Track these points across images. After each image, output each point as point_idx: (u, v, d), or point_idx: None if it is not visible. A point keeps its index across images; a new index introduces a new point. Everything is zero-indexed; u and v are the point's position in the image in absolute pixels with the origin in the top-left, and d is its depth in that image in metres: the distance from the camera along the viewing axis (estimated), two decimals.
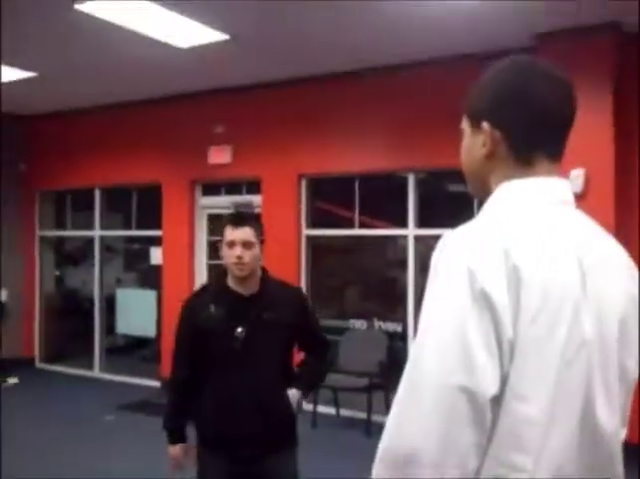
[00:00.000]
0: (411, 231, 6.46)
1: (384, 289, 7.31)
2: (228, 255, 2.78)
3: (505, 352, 1.04)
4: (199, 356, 2.83)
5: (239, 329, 2.73)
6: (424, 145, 6.14)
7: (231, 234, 2.79)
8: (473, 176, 1.30)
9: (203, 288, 3.06)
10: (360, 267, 7.66)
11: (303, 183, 7.03)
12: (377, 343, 6.42)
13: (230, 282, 2.85)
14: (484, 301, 1.03)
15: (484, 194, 1.24)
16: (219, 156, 7.40)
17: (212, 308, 2.79)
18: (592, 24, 5.10)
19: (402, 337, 6.58)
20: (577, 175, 5.10)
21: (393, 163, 6.45)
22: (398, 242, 6.88)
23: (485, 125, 1.22)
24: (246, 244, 2.76)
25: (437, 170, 6.22)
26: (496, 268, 1.05)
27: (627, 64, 5.26)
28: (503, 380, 1.04)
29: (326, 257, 7.49)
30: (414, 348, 1.09)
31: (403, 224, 6.52)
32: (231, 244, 2.78)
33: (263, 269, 2.93)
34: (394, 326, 6.70)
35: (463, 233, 1.13)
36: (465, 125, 1.30)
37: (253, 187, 7.35)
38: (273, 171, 7.05)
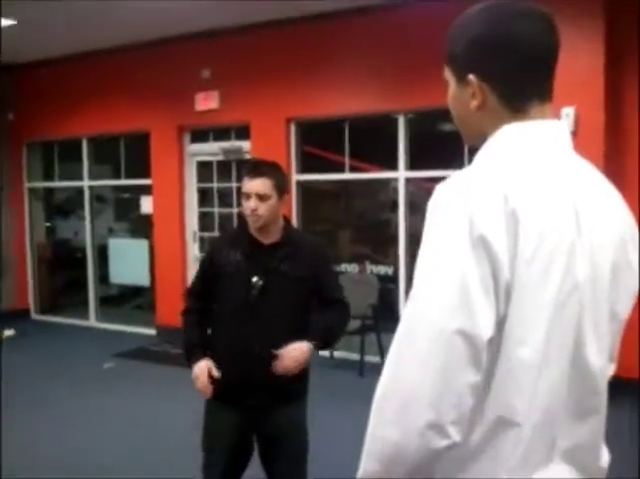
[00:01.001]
0: (402, 173, 6.43)
1: (375, 233, 7.34)
2: (245, 207, 2.78)
3: (502, 295, 1.05)
4: (214, 299, 2.85)
5: (255, 278, 2.71)
6: (413, 85, 6.07)
7: (247, 185, 2.77)
8: (465, 126, 1.28)
9: (228, 233, 3.06)
10: (351, 211, 7.68)
11: (292, 127, 6.96)
12: (369, 287, 6.47)
13: (252, 230, 2.83)
14: (483, 246, 1.04)
15: (480, 141, 1.23)
16: (207, 102, 7.30)
17: (232, 254, 2.80)
18: None
19: (393, 280, 6.64)
20: (567, 113, 5.09)
21: (382, 104, 6.38)
22: (389, 185, 6.87)
23: (472, 78, 1.20)
24: (261, 197, 2.74)
25: (427, 110, 6.15)
26: (495, 213, 1.05)
27: (618, 4, 5.17)
28: (500, 323, 1.06)
29: (317, 202, 7.48)
30: (412, 292, 1.10)
31: (393, 166, 6.49)
32: (247, 196, 2.76)
33: (286, 219, 2.91)
34: (385, 269, 6.76)
35: (460, 178, 1.13)
36: (448, 75, 1.27)
37: (242, 132, 7.28)
38: (262, 115, 6.97)
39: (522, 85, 1.19)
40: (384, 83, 6.31)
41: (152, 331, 8.02)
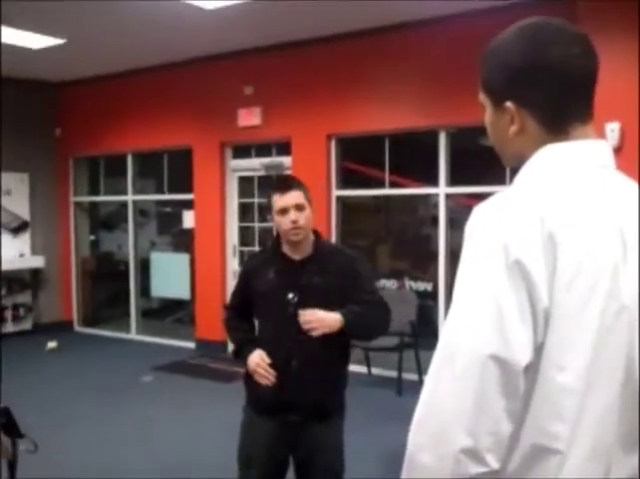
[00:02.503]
0: (442, 189, 6.39)
1: (415, 248, 7.30)
2: (282, 222, 2.74)
3: (540, 321, 1.03)
4: (252, 317, 2.92)
5: (291, 295, 2.71)
6: (454, 100, 6.02)
7: (282, 199, 2.74)
8: (504, 150, 1.25)
9: (261, 252, 3.10)
10: (391, 226, 7.65)
11: (332, 143, 6.99)
12: (407, 303, 6.42)
13: (284, 248, 2.83)
14: (519, 271, 1.02)
15: (519, 163, 1.20)
16: (249, 117, 7.38)
17: (266, 273, 2.81)
18: None
19: (432, 296, 6.58)
20: (612, 129, 4.99)
21: (423, 120, 6.35)
22: (429, 200, 6.83)
23: (510, 105, 1.17)
24: (299, 207, 2.74)
25: (468, 125, 6.10)
26: (532, 237, 1.04)
27: None
28: (538, 349, 1.04)
29: (356, 217, 7.48)
30: (448, 317, 1.09)
31: (434, 181, 6.45)
32: (284, 211, 2.73)
33: (315, 232, 2.90)
34: (424, 286, 6.70)
35: (497, 200, 1.11)
36: (484, 100, 1.25)
37: (283, 148, 7.33)
38: (302, 131, 7.01)
39: (562, 109, 1.16)
40: (424, 98, 6.29)
41: (191, 345, 8.08)
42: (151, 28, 6.41)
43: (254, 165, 7.62)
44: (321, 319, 2.65)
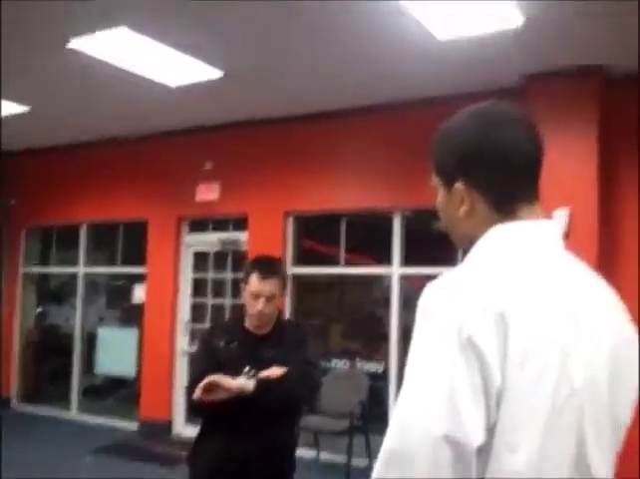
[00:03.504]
0: (395, 269, 6.41)
1: (367, 329, 7.21)
2: (251, 305, 2.79)
3: (493, 401, 1.01)
4: None
5: (247, 369, 2.70)
6: (410, 184, 6.14)
7: (258, 285, 2.77)
8: (455, 231, 1.28)
9: (223, 323, 3.09)
10: (344, 306, 7.58)
11: (290, 220, 7.01)
12: (358, 384, 6.29)
13: (247, 322, 2.88)
14: (472, 350, 1.00)
15: (470, 244, 1.21)
16: (207, 193, 7.39)
17: (226, 344, 2.83)
18: (578, 67, 5.16)
19: (384, 378, 6.46)
20: (562, 214, 5.10)
21: (379, 201, 6.45)
22: (382, 280, 6.82)
23: (460, 186, 1.21)
24: (270, 298, 2.78)
25: (422, 208, 6.20)
26: (484, 316, 1.02)
27: (612, 106, 5.32)
28: (491, 429, 1.01)
29: (310, 295, 7.41)
30: (400, 395, 1.06)
31: (388, 261, 6.47)
32: (256, 296, 2.77)
33: (279, 310, 2.97)
34: (376, 366, 6.59)
35: (448, 279, 1.10)
36: (436, 182, 1.28)
37: (240, 224, 7.32)
38: (260, 208, 7.03)
39: (510, 190, 1.19)
40: (381, 181, 6.41)
41: (134, 426, 7.74)
42: (114, 101, 6.47)
43: (211, 240, 7.57)
44: (227, 388, 2.61)
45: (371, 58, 5.18)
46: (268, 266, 2.84)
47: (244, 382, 2.64)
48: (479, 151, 1.19)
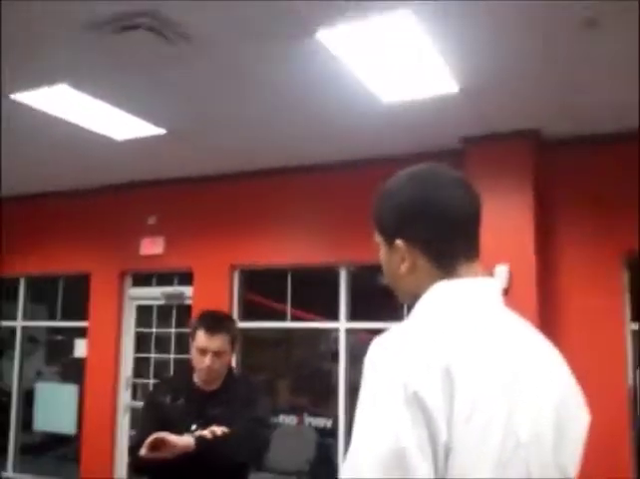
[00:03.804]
0: (342, 323, 6.47)
1: (315, 383, 7.21)
2: (198, 361, 2.73)
3: (441, 456, 1.02)
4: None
5: (194, 427, 2.64)
6: (355, 239, 6.22)
7: (205, 341, 2.72)
8: (398, 287, 1.31)
9: (170, 378, 3.01)
10: (291, 361, 7.58)
11: (235, 274, 7.01)
12: (306, 440, 6.28)
13: (195, 378, 2.81)
14: (418, 405, 1.02)
15: (413, 299, 1.25)
16: (151, 247, 7.33)
17: (173, 401, 2.75)
18: (514, 130, 5.40)
19: (332, 433, 6.46)
20: (502, 270, 5.27)
21: (324, 256, 6.51)
22: (329, 335, 6.86)
23: (400, 243, 1.25)
24: (218, 354, 2.72)
25: (367, 263, 6.30)
26: (429, 371, 1.05)
27: (546, 168, 5.57)
28: None
29: (257, 351, 7.38)
30: (348, 453, 1.07)
31: (334, 316, 6.52)
32: (203, 352, 2.72)
33: (229, 366, 2.90)
34: (324, 422, 6.58)
35: (394, 335, 1.12)
36: (378, 239, 1.33)
37: (185, 277, 7.27)
38: (205, 262, 7.01)
39: (448, 246, 1.24)
40: (326, 236, 6.49)
41: None
42: (57, 153, 6.38)
43: (154, 294, 7.49)
44: (172, 446, 2.51)
45: (314, 117, 5.27)
46: (215, 322, 2.79)
47: (189, 440, 2.56)
48: (417, 209, 1.23)
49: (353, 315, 6.48)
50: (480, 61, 4.25)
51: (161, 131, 5.61)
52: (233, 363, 6.61)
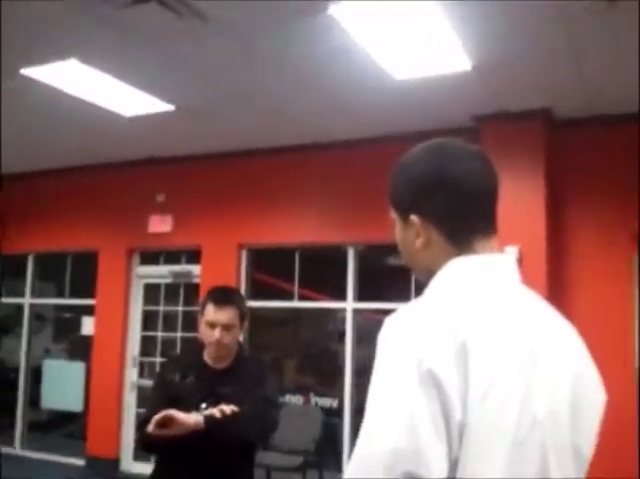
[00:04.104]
0: (350, 304, 6.44)
1: (321, 363, 7.21)
2: (207, 335, 2.72)
3: (454, 435, 1.00)
4: None
5: (204, 405, 2.62)
6: (364, 219, 6.21)
7: (214, 314, 2.72)
8: (413, 263, 1.28)
9: (180, 356, 2.99)
10: (298, 341, 7.57)
11: (243, 253, 6.98)
12: (312, 420, 6.27)
13: (205, 355, 2.80)
14: (432, 383, 0.99)
15: (428, 276, 1.22)
16: (159, 225, 7.32)
17: (183, 379, 2.74)
18: (525, 110, 5.33)
19: (338, 413, 6.45)
20: (511, 251, 5.22)
21: (333, 235, 6.48)
22: (337, 315, 6.84)
23: (415, 218, 1.21)
24: (227, 327, 2.71)
25: (376, 243, 6.27)
26: (444, 348, 1.02)
27: (558, 148, 5.50)
28: (453, 463, 1.00)
29: (263, 330, 7.37)
30: (361, 431, 1.04)
31: (342, 296, 6.50)
32: (212, 325, 2.71)
33: (240, 344, 2.88)
34: (330, 402, 6.57)
35: (408, 312, 1.10)
36: (393, 215, 1.29)
37: (193, 256, 7.26)
38: (213, 241, 6.99)
39: (465, 221, 1.20)
40: (335, 215, 6.45)
41: (81, 462, 7.53)
42: (65, 130, 6.36)
43: (162, 272, 7.48)
44: (181, 424, 2.48)
45: (326, 95, 5.23)
46: (224, 296, 2.80)
47: (198, 419, 2.53)
48: (432, 183, 1.20)
49: (361, 296, 6.45)
50: (493, 39, 4.19)
51: (171, 107, 5.56)
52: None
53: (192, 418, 2.53)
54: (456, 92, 5.03)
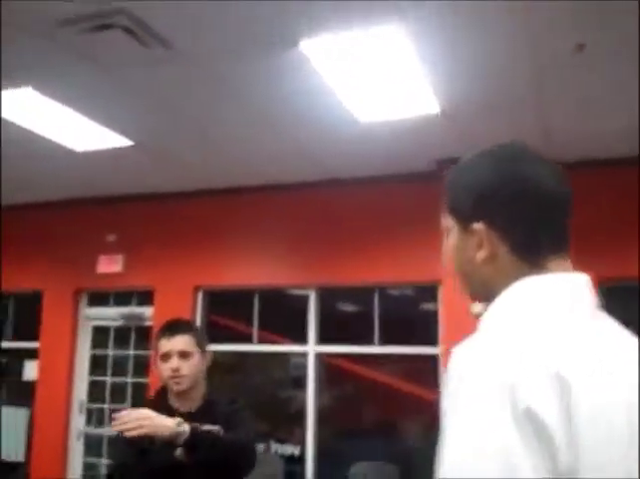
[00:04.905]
0: (311, 347, 6.27)
1: (279, 410, 6.97)
2: (164, 369, 2.57)
3: None
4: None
5: (178, 451, 2.39)
6: (325, 261, 6.11)
7: (165, 344, 2.58)
8: (469, 279, 1.13)
9: (148, 401, 2.78)
10: (253, 386, 7.32)
11: (199, 295, 6.76)
12: (273, 469, 6.04)
13: (171, 399, 2.61)
14: (531, 423, 0.84)
15: (487, 296, 1.07)
16: (110, 265, 7.03)
17: None
18: None
19: (299, 460, 6.22)
20: None
21: (293, 278, 6.35)
22: (289, 360, 6.65)
23: (480, 226, 1.06)
24: (183, 354, 2.56)
25: (336, 286, 6.17)
26: (541, 380, 0.87)
27: None
28: None
29: (218, 375, 7.10)
30: None
31: (301, 340, 6.32)
32: (166, 356, 2.56)
33: (207, 384, 2.70)
34: (291, 449, 6.35)
35: (487, 341, 0.95)
36: (449, 223, 1.15)
37: (145, 298, 6.98)
38: (168, 281, 6.75)
39: (536, 233, 1.06)
40: (295, 257, 6.32)
41: None
42: (12, 163, 6.04)
43: (112, 314, 7.17)
44: (145, 419, 2.29)
45: (288, 135, 5.13)
46: (175, 325, 2.68)
47: (180, 423, 2.32)
48: (501, 186, 1.06)
49: (321, 339, 6.28)
50: (463, 83, 4.17)
51: (129, 142, 5.36)
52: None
53: (175, 420, 2.33)
54: (421, 136, 5.01)
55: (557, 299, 1.00)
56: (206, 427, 2.40)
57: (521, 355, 0.90)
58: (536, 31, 3.42)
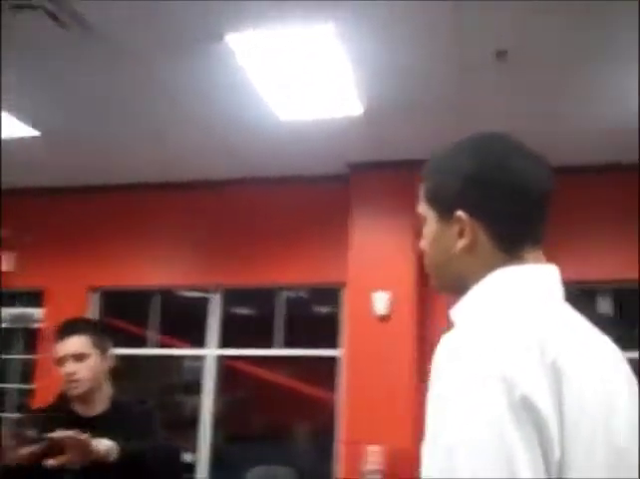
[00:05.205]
0: (211, 351, 6.15)
1: (171, 416, 6.76)
2: (61, 373, 2.43)
3: (553, 476, 0.85)
4: None
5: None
6: (228, 262, 6.04)
7: (59, 348, 2.44)
8: (443, 270, 1.13)
9: (44, 409, 2.58)
10: (145, 392, 7.06)
11: (95, 296, 6.49)
12: None
13: (73, 403, 2.47)
14: (527, 412, 0.84)
15: (458, 289, 1.08)
16: None
17: (46, 432, 2.21)
18: (405, 159, 5.29)
19: (190, 469, 6.00)
20: (382, 298, 5.27)
21: (196, 278, 6.22)
22: (182, 365, 6.48)
23: (462, 214, 1.06)
24: (78, 357, 2.42)
25: (240, 287, 6.12)
26: (535, 367, 0.87)
27: None
28: None
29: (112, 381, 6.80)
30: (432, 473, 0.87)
31: (201, 343, 6.19)
32: (61, 361, 2.42)
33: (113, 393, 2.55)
34: (185, 456, 6.14)
35: (477, 329, 0.94)
36: (426, 210, 1.14)
37: (35, 298, 6.63)
38: (59, 282, 6.42)
39: (519, 225, 1.07)
40: (200, 257, 6.20)
41: None
42: None
43: None
44: (82, 446, 2.11)
45: (205, 130, 5.05)
46: (68, 326, 2.53)
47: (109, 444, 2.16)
48: (486, 175, 1.06)
49: (223, 342, 6.18)
50: (388, 86, 4.23)
51: (35, 132, 5.10)
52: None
53: (104, 443, 2.16)
54: (340, 137, 5.03)
55: (539, 289, 1.03)
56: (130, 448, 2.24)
57: (513, 341, 0.90)
58: (460, 35, 3.54)
